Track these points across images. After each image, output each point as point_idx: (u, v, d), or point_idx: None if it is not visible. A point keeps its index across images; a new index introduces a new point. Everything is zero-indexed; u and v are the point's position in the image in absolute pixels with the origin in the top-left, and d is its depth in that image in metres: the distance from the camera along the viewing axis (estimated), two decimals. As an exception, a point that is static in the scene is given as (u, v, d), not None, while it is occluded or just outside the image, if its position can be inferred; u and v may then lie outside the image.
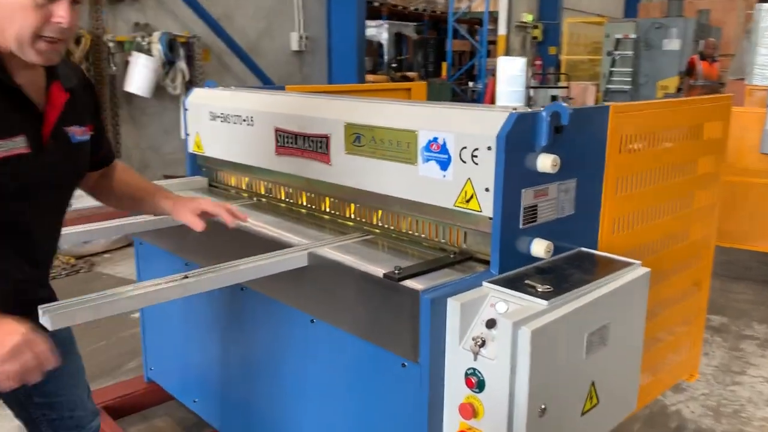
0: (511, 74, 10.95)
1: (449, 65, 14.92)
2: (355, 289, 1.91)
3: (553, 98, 9.81)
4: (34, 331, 1.38)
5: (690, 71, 10.09)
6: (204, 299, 2.56)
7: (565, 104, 1.86)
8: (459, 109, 1.99)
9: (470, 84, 14.64)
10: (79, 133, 1.70)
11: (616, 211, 2.23)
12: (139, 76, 6.38)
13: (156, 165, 6.84)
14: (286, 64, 8.25)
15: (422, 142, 1.98)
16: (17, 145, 1.52)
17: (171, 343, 2.88)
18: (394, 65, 15.88)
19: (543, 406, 1.65)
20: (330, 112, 2.30)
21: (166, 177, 5.22)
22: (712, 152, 2.71)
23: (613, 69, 11.70)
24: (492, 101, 8.91)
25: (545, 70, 15.00)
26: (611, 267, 1.98)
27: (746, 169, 4.77)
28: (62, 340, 1.71)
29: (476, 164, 1.86)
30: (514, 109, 1.85)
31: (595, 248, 2.17)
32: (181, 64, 6.74)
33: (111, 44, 6.18)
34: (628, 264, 2.00)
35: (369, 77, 11.21)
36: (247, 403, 2.47)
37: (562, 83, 12.68)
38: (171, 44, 6.60)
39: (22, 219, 1.62)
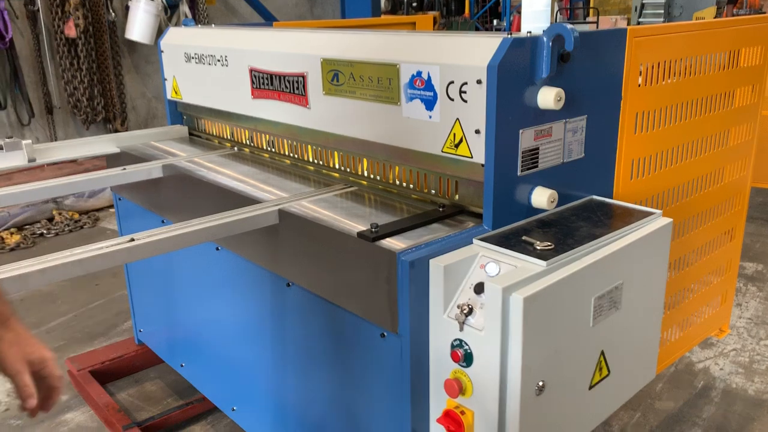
0: (535, 10, 10.34)
1: (472, 2, 14.27)
2: (328, 249, 1.68)
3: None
4: None
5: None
6: (183, 258, 2.37)
7: (570, 26, 1.56)
8: (446, 37, 1.70)
9: (494, 22, 14.00)
10: None
11: (636, 152, 1.94)
12: (140, 22, 6.09)
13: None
14: (296, 5, 7.87)
15: (404, 77, 1.71)
16: None
17: (157, 305, 2.71)
18: (414, 4, 15.27)
19: (541, 383, 1.42)
20: (305, 46, 2.02)
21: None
22: (750, 82, 2.37)
23: (645, 1, 11.02)
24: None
25: (573, 4, 14.24)
26: (627, 218, 1.71)
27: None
28: None
29: (465, 102, 1.58)
30: (509, 34, 1.56)
31: (611, 196, 1.90)
32: (184, 8, 6.44)
33: (108, -11, 5.89)
34: (646, 213, 1.73)
35: (386, 18, 10.73)
36: (230, 369, 2.29)
37: (591, 18, 12.01)
38: (172, -13, 6.28)
39: None
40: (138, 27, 6.09)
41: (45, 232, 4.82)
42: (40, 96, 5.73)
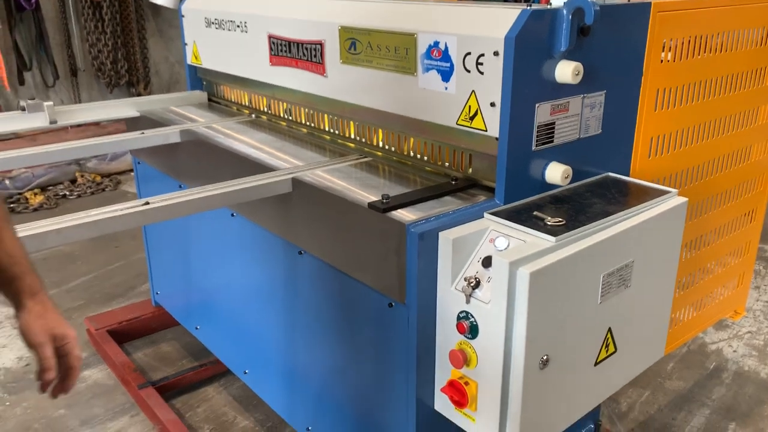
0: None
1: (501, -28, 13.99)
2: (339, 219, 1.69)
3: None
4: None
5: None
6: (199, 223, 2.40)
7: (591, -1, 1.53)
8: (464, 7, 1.68)
9: (523, -7, 13.74)
10: None
11: (655, 129, 1.91)
12: (165, -15, 6.07)
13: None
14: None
15: (422, 47, 1.69)
16: None
17: (174, 268, 2.76)
18: (441, -27, 15.01)
19: (545, 357, 1.43)
20: (323, 14, 2.01)
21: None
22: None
23: (679, -27, 10.72)
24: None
25: (605, -24, 13.88)
26: (642, 196, 1.69)
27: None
28: None
29: (481, 73, 1.57)
30: (529, 5, 1.54)
31: (627, 174, 1.88)
32: (208, -27, 6.40)
33: (133, -49, 5.87)
34: (662, 192, 1.71)
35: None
36: (244, 334, 2.33)
37: (623, -10, 11.73)
38: (197, -49, 6.24)
39: None
40: (162, -9, 6.07)
41: (68, 193, 4.90)
42: (64, 58, 5.77)
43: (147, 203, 1.59)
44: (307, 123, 2.27)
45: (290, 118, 2.34)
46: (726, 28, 2.02)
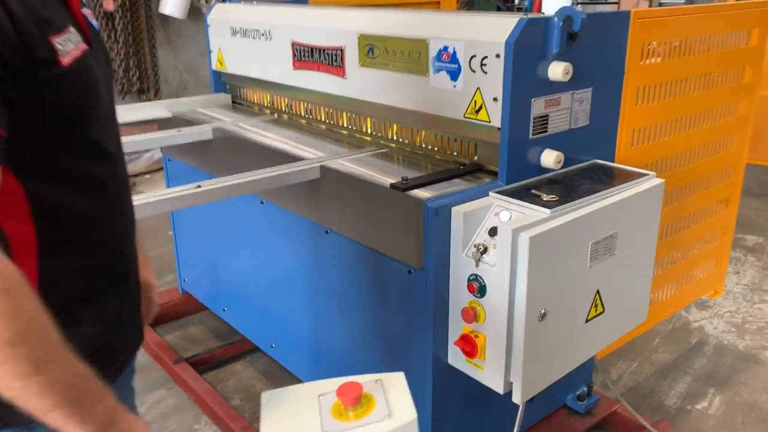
0: (557, -10, 10.35)
1: (494, -19, 14.30)
2: (364, 199, 1.95)
3: (601, 14, 9.32)
4: None
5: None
6: (228, 213, 2.65)
7: (579, 9, 1.80)
8: (470, 16, 1.95)
9: (516, 1, 14.05)
10: (92, 16, 1.14)
11: (636, 122, 2.18)
12: (174, -4, 6.34)
13: (193, 87, 6.90)
14: (321, -18, 8.05)
15: (433, 51, 1.96)
16: (75, 39, 1.00)
17: (201, 255, 3.00)
18: (436, -18, 15.26)
19: (543, 311, 1.69)
20: (343, 23, 2.27)
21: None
22: (748, 62, 2.58)
23: (667, -19, 11.05)
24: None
25: (595, -16, 14.20)
26: (624, 178, 1.95)
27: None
28: None
29: (485, 73, 1.83)
30: (525, 14, 1.80)
31: (612, 161, 2.14)
32: (215, -16, 6.67)
33: (144, -36, 6.14)
34: (642, 175, 1.97)
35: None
36: (270, 311, 2.58)
37: (613, -2, 12.04)
38: (204, -37, 6.51)
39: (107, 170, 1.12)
40: (172, 1, 6.34)
41: (86, 194, 5.13)
42: (79, 67, 6.01)
43: (199, 186, 1.85)
44: (326, 120, 2.53)
45: (310, 116, 2.60)
46: (700, 34, 2.29)
